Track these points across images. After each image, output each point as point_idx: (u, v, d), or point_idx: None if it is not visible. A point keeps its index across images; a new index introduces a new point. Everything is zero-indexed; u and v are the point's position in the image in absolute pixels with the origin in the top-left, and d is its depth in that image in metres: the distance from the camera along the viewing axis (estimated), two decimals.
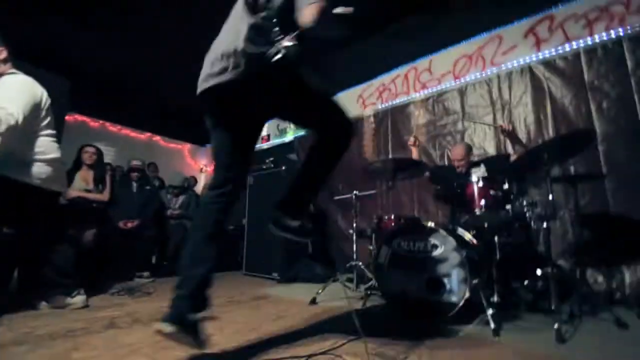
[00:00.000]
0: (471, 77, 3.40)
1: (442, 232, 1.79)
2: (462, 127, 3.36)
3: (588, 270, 2.34)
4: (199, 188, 5.57)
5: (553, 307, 1.51)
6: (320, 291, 2.27)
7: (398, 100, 3.91)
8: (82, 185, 3.10)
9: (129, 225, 3.42)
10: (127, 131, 6.20)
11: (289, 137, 5.00)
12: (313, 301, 2.17)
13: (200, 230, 1.21)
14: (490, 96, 3.23)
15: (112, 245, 3.16)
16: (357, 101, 4.32)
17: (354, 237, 2.80)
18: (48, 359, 1.14)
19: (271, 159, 3.72)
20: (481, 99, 3.28)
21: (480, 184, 1.98)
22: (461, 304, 1.63)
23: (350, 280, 2.85)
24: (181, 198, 4.27)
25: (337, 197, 3.46)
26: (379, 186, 3.47)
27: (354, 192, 2.88)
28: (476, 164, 2.72)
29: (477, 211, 1.92)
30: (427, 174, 2.88)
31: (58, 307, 1.90)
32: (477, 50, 3.40)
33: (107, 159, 3.88)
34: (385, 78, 4.11)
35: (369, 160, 3.83)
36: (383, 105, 4.05)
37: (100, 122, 5.84)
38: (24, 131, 1.72)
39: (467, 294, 1.63)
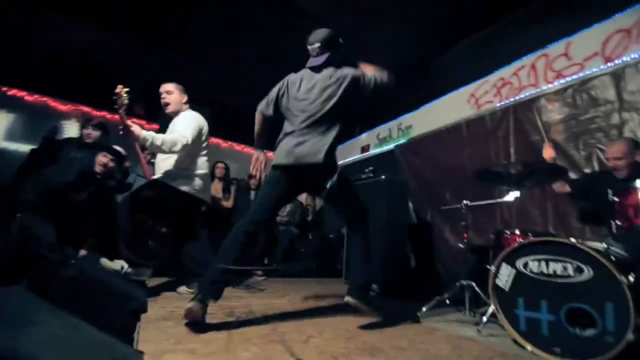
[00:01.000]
0: (631, 56, 2.62)
1: (591, 251, 1.39)
2: (620, 119, 2.61)
3: None
4: (303, 197, 5.95)
5: None
6: (424, 309, 2.06)
7: (523, 95, 3.33)
8: (214, 194, 3.75)
9: None
10: (249, 149, 7.20)
11: (389, 146, 4.87)
12: (415, 319, 1.99)
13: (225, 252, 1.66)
14: None
15: None
16: (469, 101, 3.88)
17: (466, 254, 2.47)
18: (184, 335, 1.37)
19: (371, 168, 3.67)
20: None
21: None
22: (621, 346, 1.22)
23: (459, 302, 2.51)
24: (288, 206, 4.64)
25: (443, 207, 3.15)
26: (498, 196, 2.99)
27: (464, 201, 2.55)
28: None
29: None
30: (563, 187, 2.32)
31: (194, 292, 2.29)
32: (638, 22, 2.61)
33: (234, 173, 4.59)
34: (504, 72, 3.57)
35: (484, 165, 3.34)
36: (502, 103, 3.51)
37: (229, 142, 6.98)
38: (192, 151, 2.26)
39: (631, 335, 1.21)
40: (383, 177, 3.41)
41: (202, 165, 2.33)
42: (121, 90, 1.95)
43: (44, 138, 3.09)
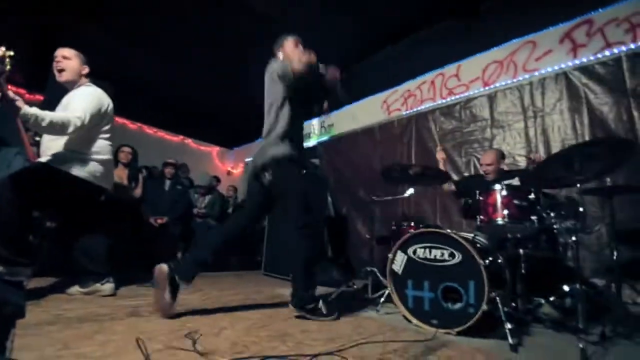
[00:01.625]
0: (501, 83, 3.28)
1: (461, 240, 1.73)
2: (491, 134, 3.25)
3: (626, 289, 2.16)
4: (224, 188, 5.76)
5: (581, 326, 1.41)
6: (333, 295, 2.25)
7: (423, 107, 3.85)
8: (117, 182, 3.32)
9: (159, 221, 3.61)
10: (162, 134, 6.57)
11: (312, 142, 5.06)
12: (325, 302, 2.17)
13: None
14: (522, 103, 3.11)
15: (143, 240, 3.35)
16: (382, 107, 4.30)
17: (373, 243, 2.78)
18: (73, 339, 1.23)
19: None
20: (512, 106, 3.16)
21: (505, 192, 1.90)
22: (478, 315, 1.57)
23: (365, 286, 2.81)
24: (207, 198, 4.44)
25: (355, 202, 3.45)
26: (400, 193, 3.41)
27: (372, 196, 2.86)
28: (508, 175, 2.58)
29: (500, 220, 1.84)
30: (450, 186, 2.79)
31: (88, 292, 2.04)
32: (508, 56, 3.28)
33: (143, 159, 4.14)
34: (411, 84, 4.07)
35: (389, 165, 3.77)
36: (408, 112, 4.00)
37: (138, 124, 6.23)
38: (90, 133, 1.97)
39: (485, 306, 1.56)
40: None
41: (103, 149, 2.04)
42: (4, 53, 1.57)
43: None
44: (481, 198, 2.01)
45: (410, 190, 2.75)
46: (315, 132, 5.18)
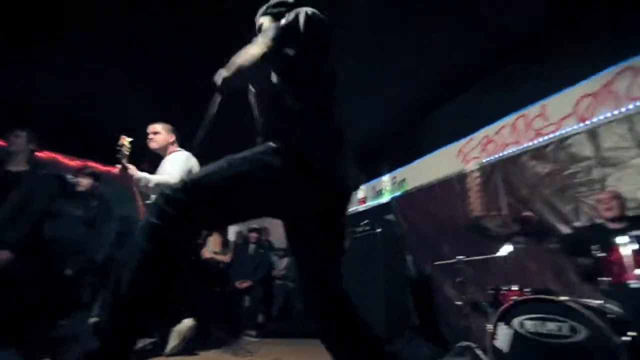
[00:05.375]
0: (603, 116, 2.85)
1: (584, 309, 1.38)
2: (601, 174, 2.73)
3: None
4: None
5: None
6: None
7: (507, 151, 3.52)
8: (212, 247, 3.73)
9: (244, 285, 3.81)
10: None
11: (385, 198, 4.97)
12: None
13: None
14: (633, 135, 2.60)
15: (228, 303, 3.54)
16: (458, 156, 4.07)
17: (466, 310, 2.41)
18: None
19: (366, 221, 3.71)
20: (621, 140, 2.66)
21: (636, 245, 1.51)
22: None
23: None
24: (286, 260, 4.57)
25: (439, 262, 3.13)
26: (495, 250, 2.99)
27: (461, 256, 2.56)
28: (637, 222, 2.05)
29: (633, 283, 1.43)
30: (555, 244, 2.36)
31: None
32: (604, 86, 2.89)
33: (233, 227, 4.61)
34: (488, 130, 3.82)
35: (476, 215, 3.39)
36: (489, 159, 3.69)
37: None
38: None
39: None
40: (379, 230, 3.44)
41: None
42: (124, 140, 2.01)
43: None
44: (603, 254, 1.63)
45: (508, 248, 2.39)
46: (387, 187, 5.11)
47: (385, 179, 5.20)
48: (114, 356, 0.74)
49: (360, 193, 5.72)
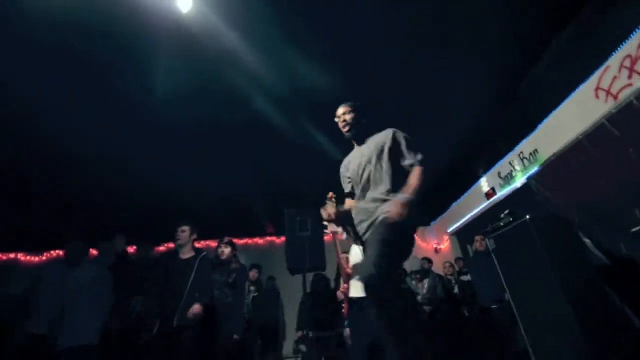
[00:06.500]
0: None
1: None
2: None
3: None
4: (437, 267, 5.27)
5: None
6: None
7: None
8: None
9: None
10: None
11: (519, 181, 4.14)
12: None
13: None
14: None
15: None
16: (597, 97, 3.16)
17: None
18: None
19: (506, 212, 3.07)
20: None
21: None
22: None
23: None
24: (426, 282, 4.13)
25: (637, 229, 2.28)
26: None
27: None
28: None
29: None
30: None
31: None
32: None
33: None
34: (627, 45, 2.88)
35: None
36: None
37: None
38: None
39: None
40: (527, 216, 2.77)
41: None
42: (332, 195, 2.06)
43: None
44: None
45: None
46: (516, 169, 4.27)
47: (510, 158, 4.36)
48: None
49: (484, 185, 4.92)
